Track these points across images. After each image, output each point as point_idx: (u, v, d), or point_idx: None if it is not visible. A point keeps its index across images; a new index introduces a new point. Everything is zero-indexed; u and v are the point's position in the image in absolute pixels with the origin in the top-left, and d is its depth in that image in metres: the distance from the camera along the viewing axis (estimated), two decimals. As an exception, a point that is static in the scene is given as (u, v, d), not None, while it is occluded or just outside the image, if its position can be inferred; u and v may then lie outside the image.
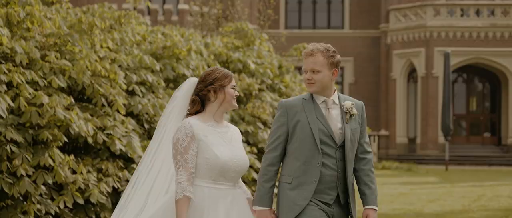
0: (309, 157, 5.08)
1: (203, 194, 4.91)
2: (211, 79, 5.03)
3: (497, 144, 38.77)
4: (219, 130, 5.04)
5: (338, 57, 5.20)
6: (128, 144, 10.99)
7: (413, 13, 38.02)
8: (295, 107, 5.13)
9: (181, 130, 4.93)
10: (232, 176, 4.99)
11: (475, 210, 13.87)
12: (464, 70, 39.35)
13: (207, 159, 4.92)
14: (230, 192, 5.01)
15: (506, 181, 22.78)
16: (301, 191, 5.07)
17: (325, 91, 5.13)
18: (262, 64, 15.52)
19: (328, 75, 5.10)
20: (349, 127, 5.14)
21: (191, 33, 15.22)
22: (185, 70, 13.17)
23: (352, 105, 5.16)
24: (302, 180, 5.08)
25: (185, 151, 4.89)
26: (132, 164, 11.32)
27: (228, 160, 4.95)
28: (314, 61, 5.11)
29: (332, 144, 5.10)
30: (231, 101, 5.09)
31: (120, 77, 11.54)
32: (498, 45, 36.98)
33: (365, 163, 5.25)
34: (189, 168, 4.88)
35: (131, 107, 11.79)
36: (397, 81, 38.46)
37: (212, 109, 5.06)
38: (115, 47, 12.47)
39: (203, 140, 4.94)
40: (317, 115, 5.11)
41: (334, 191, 5.11)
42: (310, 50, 5.15)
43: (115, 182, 10.75)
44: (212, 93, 5.02)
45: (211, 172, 4.93)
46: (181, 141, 4.90)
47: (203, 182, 4.95)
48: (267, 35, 17.44)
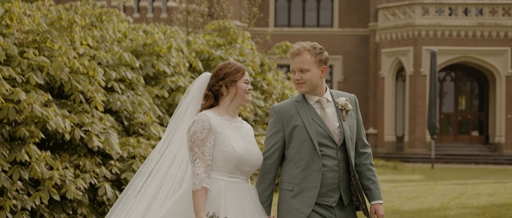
0: (309, 162, 4.96)
1: (219, 187, 4.88)
2: (223, 74, 5.01)
3: (485, 142, 38.95)
4: (235, 124, 5.03)
5: (326, 54, 5.09)
6: (106, 140, 11.07)
7: (402, 11, 38.16)
8: (289, 112, 5.02)
9: (198, 123, 4.90)
10: (247, 170, 4.97)
11: (453, 207, 13.99)
12: (453, 69, 39.50)
13: (224, 152, 4.90)
14: (245, 185, 4.99)
15: (490, 179, 22.93)
16: (303, 198, 4.96)
17: (316, 90, 5.02)
18: (244, 62, 15.61)
19: (317, 74, 5.00)
20: (347, 123, 5.04)
21: (174, 30, 15.30)
22: (165, 67, 13.25)
23: (346, 101, 5.06)
24: (303, 186, 4.97)
25: (202, 143, 4.86)
26: (110, 160, 11.41)
27: (244, 153, 4.91)
28: (301, 60, 5.00)
29: (332, 145, 4.99)
30: (244, 96, 5.04)
31: (99, 74, 11.62)
32: (486, 44, 37.14)
33: (366, 157, 5.15)
34: (206, 160, 4.86)
35: (110, 104, 11.88)
36: (385, 80, 38.59)
37: (225, 103, 5.04)
38: (95, 45, 12.54)
39: (220, 133, 4.91)
40: (313, 116, 5.00)
41: (337, 192, 5.01)
42: (296, 49, 5.04)
43: (92, 178, 10.84)
44: (224, 88, 5.00)
45: (228, 165, 4.91)
46: (199, 133, 4.87)
47: (218, 175, 4.92)
48: (253, 33, 17.53)
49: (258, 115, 15.19)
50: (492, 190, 18.45)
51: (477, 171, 28.97)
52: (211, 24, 16.63)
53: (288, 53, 17.43)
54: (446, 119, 39.82)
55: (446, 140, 39.03)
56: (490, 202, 15.16)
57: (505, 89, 37.05)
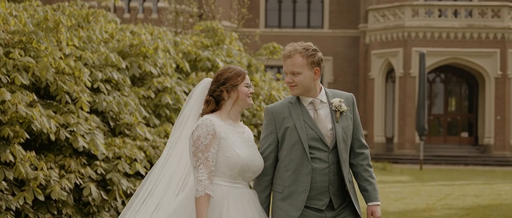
0: (299, 165, 4.91)
1: (222, 193, 4.85)
2: (223, 79, 4.97)
3: (474, 143, 39.10)
4: (238, 129, 4.99)
5: (319, 55, 5.00)
6: (92, 141, 11.09)
7: (392, 13, 38.27)
8: (282, 113, 4.97)
9: (202, 127, 4.85)
10: (249, 176, 4.94)
11: (438, 208, 14.06)
12: (442, 71, 39.64)
13: (228, 158, 4.85)
14: (246, 191, 4.95)
15: (477, 181, 23.04)
16: (292, 201, 4.90)
17: (309, 92, 4.95)
18: (231, 63, 15.64)
19: (310, 76, 4.92)
20: (340, 125, 4.96)
21: (162, 31, 15.32)
22: (152, 68, 13.28)
23: (340, 102, 4.98)
24: (293, 189, 4.92)
25: (206, 148, 4.81)
26: (95, 160, 11.44)
27: (248, 159, 4.88)
28: (293, 63, 4.92)
29: (324, 148, 4.92)
30: (246, 100, 5.00)
31: (85, 75, 11.65)
32: (475, 46, 37.28)
33: (363, 158, 5.07)
34: (210, 166, 4.81)
35: (96, 105, 11.90)
36: (375, 81, 38.69)
37: (227, 108, 5.00)
38: (81, 45, 12.57)
39: (225, 138, 4.87)
40: (305, 118, 4.94)
41: (326, 196, 4.94)
42: (288, 51, 4.96)
43: (77, 179, 10.86)
44: (226, 93, 4.96)
45: (231, 171, 4.87)
46: (203, 138, 4.82)
47: (221, 181, 4.88)
48: (243, 34, 17.56)
49: (245, 115, 15.24)
50: (479, 191, 18.55)
51: (466, 172, 29.09)
52: (199, 25, 16.65)
53: (276, 54, 17.45)
54: (436, 120, 39.94)
55: (435, 141, 39.16)
56: (475, 203, 15.25)
57: (494, 91, 37.20)
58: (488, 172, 29.43)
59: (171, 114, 13.50)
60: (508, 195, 17.28)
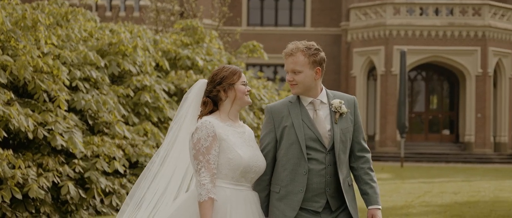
0: (296, 165, 4.83)
1: (225, 195, 4.75)
2: (219, 78, 4.88)
3: (455, 141, 39.32)
4: (238, 129, 4.89)
5: (322, 55, 4.88)
6: (70, 139, 11.12)
7: (373, 11, 38.41)
8: (281, 112, 4.90)
9: (201, 129, 4.74)
10: (251, 177, 4.85)
11: (416, 206, 14.16)
12: (424, 69, 39.83)
13: (230, 159, 4.75)
14: (249, 193, 4.87)
15: (457, 178, 23.19)
16: (289, 201, 4.84)
17: (309, 92, 4.87)
18: (211, 61, 15.70)
19: (311, 75, 4.81)
20: (339, 127, 4.87)
21: (142, 29, 15.35)
22: (131, 66, 13.31)
23: (340, 103, 4.89)
24: (289, 189, 4.84)
25: (207, 151, 4.71)
26: (73, 159, 11.46)
27: (250, 160, 4.79)
28: (294, 61, 4.82)
29: (321, 149, 4.84)
30: (244, 98, 4.90)
31: (64, 74, 11.67)
32: (456, 44, 37.48)
33: (364, 161, 4.96)
34: (212, 169, 4.71)
35: (74, 103, 11.93)
36: (357, 79, 38.83)
37: (227, 108, 4.90)
38: (60, 44, 12.58)
39: (225, 140, 4.77)
40: (304, 118, 4.86)
41: (323, 197, 4.85)
42: (290, 50, 4.86)
43: (55, 177, 10.89)
44: (223, 92, 4.86)
45: (234, 172, 4.77)
46: (203, 140, 4.72)
47: (224, 183, 4.78)
48: (224, 32, 17.59)
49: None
50: (458, 188, 18.68)
51: (446, 169, 29.26)
52: (179, 23, 16.69)
53: (255, 53, 17.47)
54: (417, 118, 40.14)
55: (417, 138, 39.35)
56: (453, 200, 15.36)
57: (475, 89, 37.44)
58: (468, 169, 29.63)
59: (150, 112, 13.54)
60: (486, 192, 17.42)
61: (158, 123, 13.79)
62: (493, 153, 37.73)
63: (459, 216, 12.61)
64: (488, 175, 25.27)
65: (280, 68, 41.09)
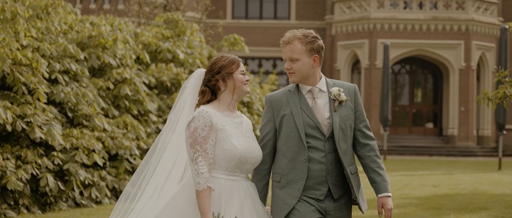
0: (296, 153, 4.81)
1: (220, 186, 4.73)
2: (218, 68, 4.84)
3: (439, 134, 39.53)
4: (235, 120, 4.86)
5: (319, 43, 4.87)
6: (48, 131, 11.16)
7: (357, 5, 38.53)
8: (280, 101, 4.90)
9: (198, 119, 4.71)
10: (247, 168, 4.84)
11: (395, 198, 14.26)
12: (408, 62, 40.00)
13: (225, 150, 4.73)
14: (244, 184, 4.84)
15: (438, 171, 23.35)
16: (290, 189, 4.82)
17: (308, 80, 4.85)
18: (192, 54, 15.75)
19: (308, 63, 4.81)
20: (338, 114, 4.84)
21: (123, 22, 15.37)
22: (111, 59, 13.34)
23: (339, 91, 4.86)
24: (290, 177, 4.83)
25: (204, 140, 4.68)
26: (52, 151, 11.50)
27: (245, 151, 4.77)
28: (292, 49, 4.81)
29: (320, 136, 4.82)
30: (242, 87, 4.87)
31: (43, 66, 11.69)
32: (439, 37, 37.66)
33: (369, 149, 4.91)
34: (209, 158, 4.69)
35: (54, 96, 11.96)
36: (341, 72, 38.95)
37: (226, 98, 4.88)
38: (40, 36, 12.60)
39: (222, 130, 4.75)
40: (302, 106, 4.85)
41: (324, 185, 4.82)
42: (287, 38, 4.84)
43: (34, 169, 10.93)
44: (221, 82, 4.84)
45: (228, 163, 4.76)
46: (200, 130, 4.69)
47: (219, 174, 4.76)
48: (207, 25, 17.61)
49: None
50: (438, 181, 18.82)
51: (429, 162, 29.43)
52: (160, 16, 16.73)
53: (236, 46, 17.51)
54: (401, 111, 40.32)
55: (401, 131, 39.54)
56: (432, 193, 15.49)
57: (458, 82, 37.63)
58: (451, 162, 29.82)
59: (130, 105, 13.58)
60: (465, 185, 17.56)
61: (138, 115, 13.84)
62: (476, 146, 37.97)
63: (436, 208, 12.73)
64: (469, 168, 25.45)
65: (265, 61, 41.18)
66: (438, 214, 12.01)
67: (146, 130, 13.66)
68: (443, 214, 12.02)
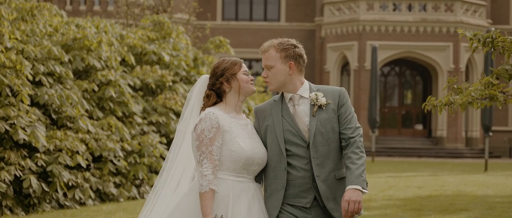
0: (277, 162, 4.84)
1: (227, 187, 4.76)
2: (220, 71, 4.89)
3: (428, 136, 39.69)
4: (241, 122, 4.90)
5: (297, 50, 4.87)
6: (32, 133, 11.24)
7: (347, 7, 38.66)
8: (264, 112, 4.94)
9: (205, 121, 4.76)
10: (253, 170, 4.85)
11: (378, 199, 14.38)
12: (397, 64, 40.15)
13: (232, 151, 4.77)
14: (251, 185, 4.86)
15: (425, 172, 23.47)
16: (273, 199, 4.85)
17: (285, 87, 4.89)
18: (177, 56, 15.84)
19: (283, 70, 4.84)
20: (317, 119, 4.82)
21: (109, 24, 15.44)
22: (95, 61, 13.42)
23: (316, 96, 4.85)
24: (273, 187, 4.85)
25: (210, 142, 4.72)
26: (36, 153, 11.58)
27: (252, 152, 4.80)
28: (267, 57, 4.86)
29: (302, 143, 4.82)
30: (248, 87, 4.90)
31: (27, 68, 11.77)
32: (428, 39, 37.82)
33: (347, 147, 4.80)
34: (214, 160, 4.72)
35: (38, 98, 12.04)
36: (330, 74, 39.08)
37: (232, 100, 4.92)
38: (25, 39, 12.67)
39: (228, 131, 4.79)
40: (284, 114, 4.87)
41: (310, 193, 4.81)
42: (264, 47, 4.91)
43: (17, 171, 11.00)
44: (226, 84, 4.87)
45: (235, 165, 4.78)
46: (207, 131, 4.73)
47: (226, 175, 4.79)
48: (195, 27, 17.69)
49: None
50: (423, 182, 18.94)
51: (417, 164, 29.57)
52: (146, 18, 16.82)
53: (222, 48, 17.59)
54: (391, 112, 40.48)
55: (390, 133, 39.69)
56: (416, 194, 15.60)
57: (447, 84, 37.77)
58: (439, 164, 29.96)
59: (115, 106, 13.67)
60: (450, 186, 17.69)
61: (123, 117, 13.93)
62: (464, 147, 38.14)
63: (417, 209, 12.84)
64: (456, 169, 25.59)
65: (255, 62, 41.27)
66: (419, 215, 12.12)
67: (131, 131, 13.75)
68: (424, 215, 12.13)
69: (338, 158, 4.87)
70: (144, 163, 13.50)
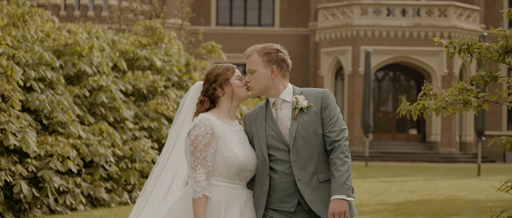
0: (260, 167, 4.83)
1: (220, 193, 4.76)
2: (214, 76, 4.90)
3: (422, 140, 39.73)
4: (234, 128, 4.90)
5: (279, 55, 4.86)
6: (23, 138, 11.24)
7: (341, 12, 38.72)
8: (250, 118, 4.94)
9: (199, 126, 4.75)
10: (246, 176, 4.86)
11: (371, 204, 14.40)
12: (391, 69, 40.21)
13: (226, 158, 4.76)
14: (243, 191, 4.87)
15: (418, 177, 23.50)
16: (259, 205, 4.85)
17: (268, 92, 4.87)
18: (169, 61, 15.85)
19: (265, 74, 4.82)
20: (298, 122, 4.78)
21: (101, 30, 15.45)
22: (87, 67, 13.43)
23: (297, 98, 4.82)
24: (258, 193, 4.85)
25: (205, 148, 4.71)
26: (27, 158, 11.58)
27: (245, 159, 4.81)
28: (249, 61, 4.86)
29: (284, 147, 4.81)
30: (241, 91, 4.90)
31: (18, 74, 11.77)
32: (422, 44, 37.89)
33: (332, 152, 4.77)
34: (208, 166, 4.71)
35: (28, 103, 12.04)
36: (324, 79, 39.13)
37: (225, 105, 4.92)
38: (15, 44, 12.68)
39: (222, 138, 4.78)
40: (267, 119, 4.87)
41: (294, 197, 4.79)
42: (248, 52, 4.91)
43: (8, 176, 11.00)
44: (219, 89, 4.87)
45: (229, 171, 4.77)
46: (201, 137, 4.72)
47: (219, 181, 4.78)
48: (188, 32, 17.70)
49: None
50: (416, 187, 18.97)
51: (410, 168, 29.60)
52: (138, 24, 16.84)
53: (214, 53, 17.61)
54: (385, 117, 40.52)
55: (384, 138, 39.73)
56: (408, 199, 15.63)
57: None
58: (432, 168, 29.99)
59: (106, 112, 13.68)
60: (442, 191, 17.72)
61: (114, 122, 13.94)
62: (458, 152, 38.20)
63: (408, 214, 12.87)
64: (449, 174, 25.63)
65: (249, 68, 41.32)
66: (410, 220, 12.15)
67: (122, 137, 13.76)
68: (415, 220, 12.17)
69: (322, 161, 4.81)
70: (135, 168, 13.51)
